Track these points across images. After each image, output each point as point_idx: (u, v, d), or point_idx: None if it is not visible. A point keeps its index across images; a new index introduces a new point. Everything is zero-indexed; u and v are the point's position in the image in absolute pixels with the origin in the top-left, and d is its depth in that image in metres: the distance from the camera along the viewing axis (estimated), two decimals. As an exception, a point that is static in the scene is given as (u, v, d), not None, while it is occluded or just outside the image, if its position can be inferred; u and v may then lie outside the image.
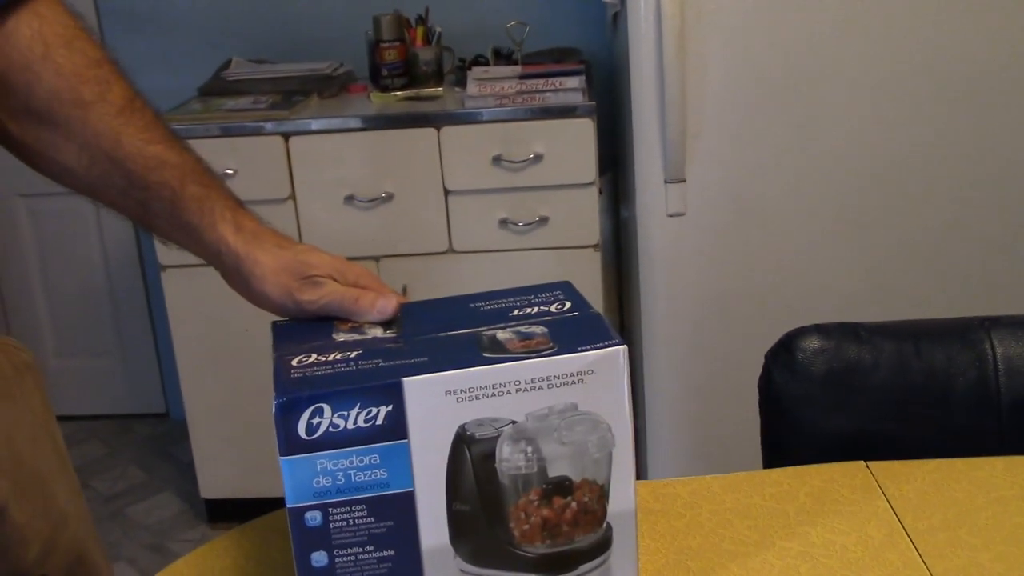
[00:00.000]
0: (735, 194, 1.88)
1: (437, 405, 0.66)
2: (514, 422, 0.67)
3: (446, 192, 2.08)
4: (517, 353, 0.67)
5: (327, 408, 0.64)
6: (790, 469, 0.91)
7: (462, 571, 0.69)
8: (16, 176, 2.63)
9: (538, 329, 0.71)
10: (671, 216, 1.90)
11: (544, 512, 0.69)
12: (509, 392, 0.66)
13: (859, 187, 1.86)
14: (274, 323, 0.77)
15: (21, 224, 2.74)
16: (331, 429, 0.65)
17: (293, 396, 0.64)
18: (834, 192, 1.87)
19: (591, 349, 0.67)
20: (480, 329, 0.71)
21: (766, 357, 1.06)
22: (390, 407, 0.65)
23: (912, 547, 0.79)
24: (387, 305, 0.74)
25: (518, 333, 0.70)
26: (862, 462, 0.91)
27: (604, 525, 0.71)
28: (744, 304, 1.93)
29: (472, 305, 0.76)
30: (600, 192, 2.30)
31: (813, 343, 1.04)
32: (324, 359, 0.68)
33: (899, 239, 1.89)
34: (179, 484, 2.51)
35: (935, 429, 1.04)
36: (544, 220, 2.08)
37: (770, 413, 1.05)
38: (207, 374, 2.21)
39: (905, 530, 0.82)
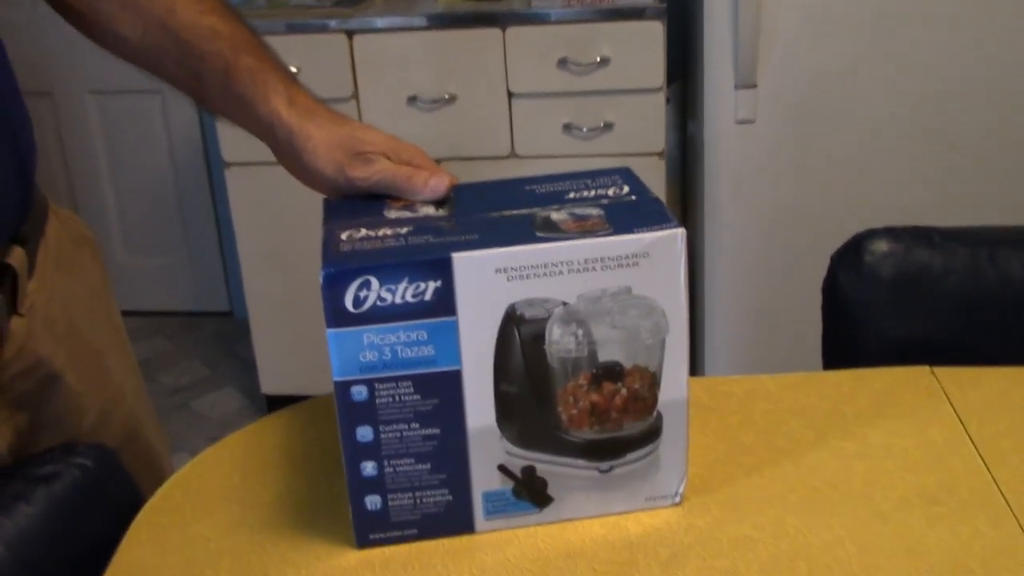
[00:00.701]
0: (807, 101, 1.81)
1: (487, 283, 0.64)
2: (565, 304, 0.65)
3: (510, 95, 2.04)
4: (571, 233, 0.65)
5: (374, 281, 0.63)
6: (851, 371, 0.88)
7: (508, 452, 0.69)
8: (87, 73, 2.66)
9: (594, 211, 0.69)
10: (739, 123, 1.85)
11: (593, 397, 0.68)
12: (561, 272, 0.65)
13: (938, 95, 1.78)
14: (326, 200, 0.76)
15: (91, 121, 2.77)
16: (378, 303, 0.63)
17: (340, 267, 0.63)
18: (912, 100, 1.79)
19: (648, 231, 0.65)
20: (534, 210, 0.69)
21: (832, 259, 1.02)
22: (439, 283, 0.64)
23: (975, 452, 0.77)
24: (440, 183, 0.72)
25: (573, 214, 0.68)
26: (927, 367, 0.88)
27: (654, 414, 0.69)
28: (811, 214, 1.88)
29: (527, 187, 0.74)
30: (668, 101, 2.24)
31: (882, 246, 1.00)
32: (374, 234, 0.67)
33: (978, 150, 1.81)
34: (241, 380, 2.56)
35: (1006, 339, 1.00)
36: (609, 126, 2.03)
37: (834, 317, 1.02)
38: (269, 272, 2.23)
39: (969, 435, 0.79)
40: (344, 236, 0.67)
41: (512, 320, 0.65)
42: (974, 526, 0.69)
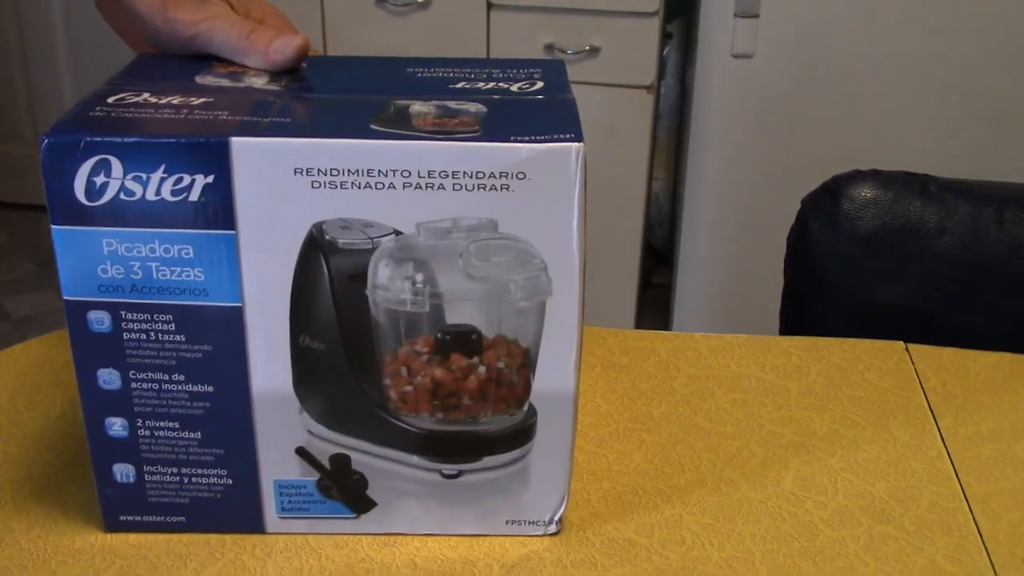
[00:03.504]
0: (811, 36, 1.61)
1: (283, 187, 0.46)
2: (398, 233, 0.47)
3: (489, 5, 1.84)
4: (420, 132, 0.46)
5: (117, 164, 0.45)
6: (806, 339, 0.71)
7: (311, 432, 0.50)
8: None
9: (473, 107, 0.49)
10: (736, 57, 1.65)
11: (436, 372, 0.49)
12: (394, 186, 0.46)
13: (951, 39, 1.58)
14: (137, 56, 0.57)
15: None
16: (123, 196, 0.45)
17: (67, 137, 0.45)
18: (924, 40, 1.59)
19: (530, 141, 0.45)
20: (396, 97, 0.50)
21: (803, 203, 0.84)
22: (210, 178, 0.45)
23: (946, 457, 0.59)
24: (286, 45, 0.53)
25: (442, 108, 0.49)
26: (900, 343, 0.70)
27: (525, 407, 0.50)
28: (803, 162, 1.69)
29: (410, 69, 0.55)
30: (669, 37, 2.03)
31: (865, 191, 0.81)
32: (155, 100, 0.49)
33: (992, 102, 1.61)
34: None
35: (1007, 319, 0.82)
36: (595, 51, 1.83)
37: (797, 273, 0.84)
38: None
39: (940, 434, 0.61)
40: (111, 100, 0.49)
41: (318, 246, 0.47)
42: (930, 556, 0.52)
